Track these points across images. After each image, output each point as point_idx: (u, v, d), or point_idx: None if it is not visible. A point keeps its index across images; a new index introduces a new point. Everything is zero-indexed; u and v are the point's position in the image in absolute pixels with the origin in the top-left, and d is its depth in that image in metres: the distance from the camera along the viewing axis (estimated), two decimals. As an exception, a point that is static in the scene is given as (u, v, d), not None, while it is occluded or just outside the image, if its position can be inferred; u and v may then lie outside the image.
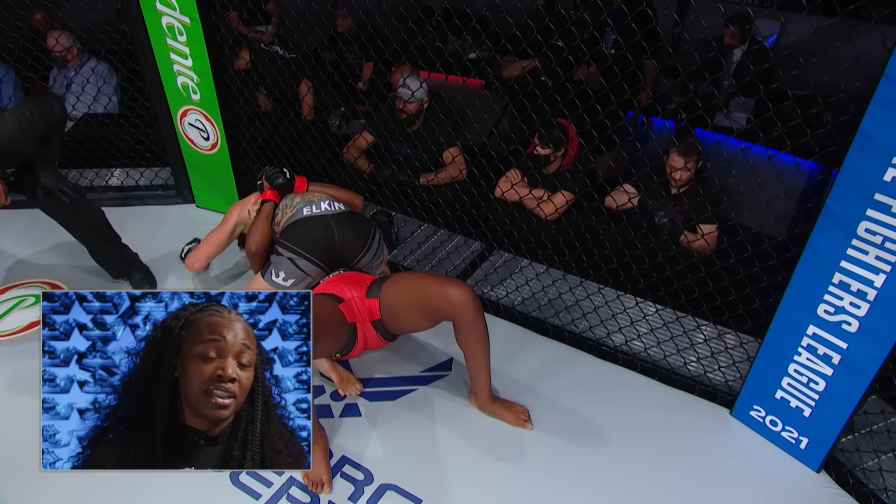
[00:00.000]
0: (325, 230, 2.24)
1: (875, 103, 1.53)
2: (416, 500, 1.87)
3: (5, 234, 2.95)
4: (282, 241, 2.25)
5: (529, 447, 2.04)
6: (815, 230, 1.74)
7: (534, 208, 2.82)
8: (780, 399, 2.00)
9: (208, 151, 2.98)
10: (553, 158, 2.95)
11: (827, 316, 1.79)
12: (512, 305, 2.58)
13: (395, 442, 2.05)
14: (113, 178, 3.30)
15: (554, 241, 2.65)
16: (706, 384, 2.24)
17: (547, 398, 2.21)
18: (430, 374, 2.31)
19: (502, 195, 2.96)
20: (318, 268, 2.23)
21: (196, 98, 2.80)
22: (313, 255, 2.21)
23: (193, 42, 2.61)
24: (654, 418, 2.17)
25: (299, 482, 1.90)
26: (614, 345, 2.40)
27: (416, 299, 1.95)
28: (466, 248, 2.92)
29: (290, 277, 2.22)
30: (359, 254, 2.27)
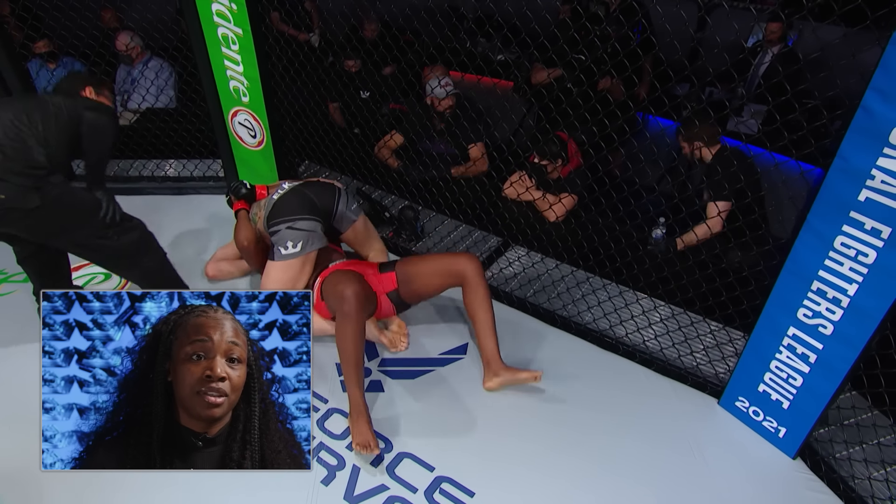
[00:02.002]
0: (298, 195, 2.41)
1: (852, 131, 1.63)
2: (429, 467, 2.05)
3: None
4: (272, 223, 2.38)
5: (533, 424, 2.20)
6: (798, 241, 1.85)
7: (544, 210, 2.98)
8: (763, 392, 2.12)
9: (255, 148, 3.19)
10: (552, 169, 3.09)
11: (806, 319, 1.91)
12: (524, 297, 2.73)
13: (414, 416, 2.23)
14: (170, 169, 3.54)
15: (563, 240, 2.79)
16: (698, 375, 2.37)
17: (552, 381, 2.36)
18: (447, 357, 2.49)
19: (508, 193, 3.13)
20: (315, 221, 2.36)
21: (245, 100, 3.00)
22: (303, 213, 2.35)
23: (245, 51, 2.80)
24: (649, 404, 2.31)
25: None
26: (615, 336, 2.54)
27: (432, 266, 2.32)
28: (485, 242, 3.08)
29: (297, 241, 2.31)
30: (334, 200, 2.46)
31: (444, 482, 2.01)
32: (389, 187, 3.30)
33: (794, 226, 1.86)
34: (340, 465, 2.06)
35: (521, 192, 3.05)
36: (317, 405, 2.26)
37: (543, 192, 3.06)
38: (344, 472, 2.03)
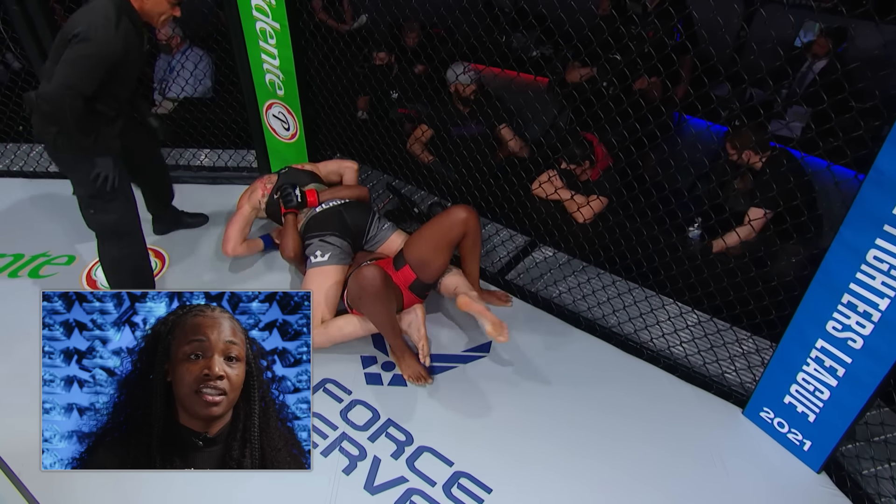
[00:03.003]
0: (335, 215, 2.68)
1: (889, 143, 1.63)
2: (448, 462, 2.12)
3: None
4: (306, 234, 2.66)
5: (553, 425, 2.25)
6: (829, 253, 1.86)
7: (573, 212, 3.00)
8: (788, 403, 2.12)
9: (288, 140, 3.29)
10: (580, 172, 3.11)
11: (835, 332, 1.90)
12: (550, 297, 2.77)
13: (435, 411, 2.30)
14: (204, 159, 3.66)
15: (590, 243, 2.81)
16: (723, 384, 2.38)
17: (574, 384, 2.40)
18: (470, 355, 2.55)
19: (537, 192, 3.16)
20: (342, 238, 2.60)
21: (280, 93, 3.09)
22: (334, 231, 2.61)
23: (282, 45, 2.89)
24: (671, 410, 2.33)
25: (347, 436, 2.18)
26: (640, 341, 2.56)
27: (436, 237, 2.43)
28: (512, 242, 3.11)
29: (325, 252, 2.55)
30: (366, 222, 2.71)
31: (463, 477, 2.07)
32: (420, 183, 3.35)
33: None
34: (362, 456, 2.13)
35: (551, 193, 3.08)
36: (340, 396, 2.35)
37: (573, 193, 3.09)
38: (365, 462, 2.11)
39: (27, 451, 1.81)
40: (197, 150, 3.69)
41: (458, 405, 2.32)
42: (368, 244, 2.72)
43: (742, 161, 2.87)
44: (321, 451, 2.14)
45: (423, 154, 3.58)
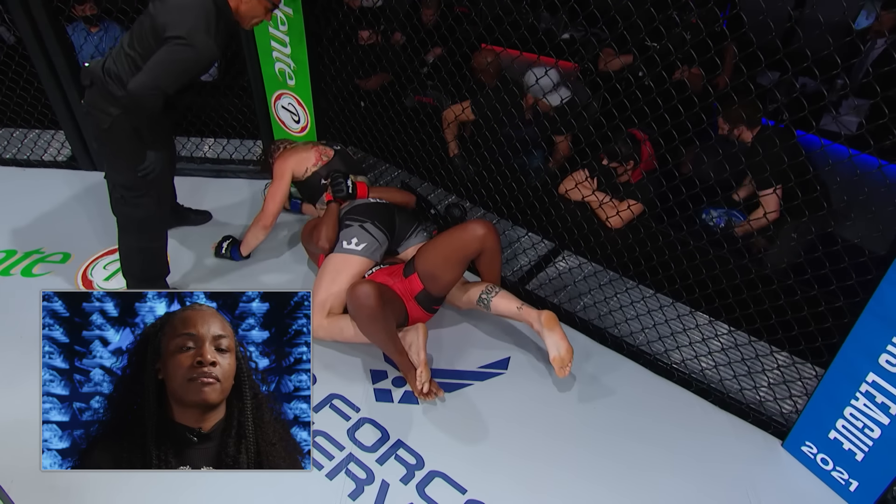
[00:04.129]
0: (385, 207, 2.65)
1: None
2: (461, 489, 2.04)
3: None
4: (349, 215, 2.58)
5: (574, 451, 2.16)
6: (885, 280, 1.75)
7: (605, 218, 2.88)
8: (834, 439, 2.02)
9: (298, 134, 3.20)
10: (622, 171, 2.96)
11: (888, 366, 1.80)
12: (574, 311, 2.68)
13: (448, 432, 2.22)
14: (208, 150, 3.57)
15: (622, 252, 2.69)
16: (761, 412, 2.28)
17: (597, 407, 2.32)
18: (487, 371, 2.46)
19: (566, 193, 3.03)
20: (383, 233, 2.55)
21: (291, 83, 3.01)
22: (378, 221, 2.55)
23: (293, 32, 2.80)
24: (703, 439, 2.23)
25: (352, 472, 2.11)
26: (670, 362, 2.46)
27: (448, 250, 2.36)
28: (534, 250, 3.01)
29: (362, 242, 2.48)
30: (411, 230, 2.68)
31: (477, 507, 1.99)
32: (437, 182, 3.25)
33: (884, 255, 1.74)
34: (369, 480, 2.06)
35: (586, 195, 2.95)
36: (348, 413, 2.27)
37: (609, 195, 2.94)
38: (372, 487, 2.04)
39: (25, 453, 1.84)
40: (201, 140, 3.61)
41: (472, 427, 2.24)
42: (401, 247, 2.70)
43: (733, 136, 2.94)
44: (326, 474, 2.07)
45: (452, 142, 3.40)
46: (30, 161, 3.48)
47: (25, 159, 3.48)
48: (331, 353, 2.47)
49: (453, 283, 2.45)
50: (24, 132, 3.60)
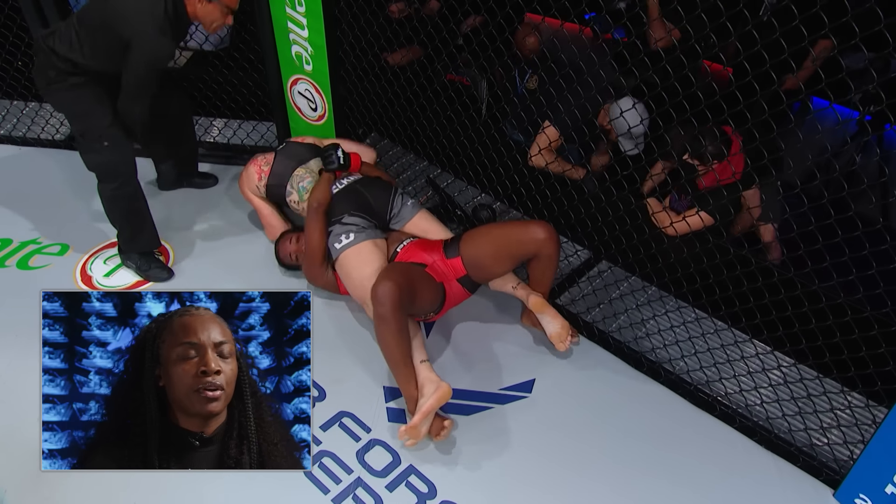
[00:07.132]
0: (353, 193, 2.71)
1: None
2: (476, 523, 2.06)
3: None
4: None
5: (600, 489, 2.16)
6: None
7: (665, 226, 2.71)
8: (891, 494, 1.99)
9: (315, 122, 3.21)
10: (703, 171, 2.82)
11: (959, 418, 1.76)
12: (607, 330, 2.65)
13: (463, 458, 2.23)
14: (218, 135, 3.59)
15: (674, 269, 2.56)
16: (812, 457, 2.25)
17: (628, 439, 2.31)
18: (509, 394, 2.46)
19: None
20: (363, 218, 2.62)
21: (308, 69, 3.00)
22: (352, 210, 2.62)
23: (312, 14, 2.79)
24: (744, 482, 2.21)
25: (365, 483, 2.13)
26: (712, 393, 2.43)
27: (501, 245, 2.41)
28: (567, 265, 2.95)
29: (350, 233, 2.56)
30: (389, 199, 2.72)
31: (492, 546, 2.00)
32: (470, 179, 3.20)
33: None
34: (377, 508, 2.09)
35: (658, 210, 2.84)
36: (358, 434, 2.30)
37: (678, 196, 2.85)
38: (381, 515, 2.06)
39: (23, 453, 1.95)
40: (210, 122, 3.62)
41: (490, 454, 2.25)
42: (393, 222, 2.73)
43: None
44: (332, 498, 2.10)
45: (552, 164, 3.21)
46: (26, 139, 3.53)
47: (21, 136, 3.53)
48: (341, 367, 2.50)
49: (499, 276, 2.50)
50: (24, 103, 3.66)
